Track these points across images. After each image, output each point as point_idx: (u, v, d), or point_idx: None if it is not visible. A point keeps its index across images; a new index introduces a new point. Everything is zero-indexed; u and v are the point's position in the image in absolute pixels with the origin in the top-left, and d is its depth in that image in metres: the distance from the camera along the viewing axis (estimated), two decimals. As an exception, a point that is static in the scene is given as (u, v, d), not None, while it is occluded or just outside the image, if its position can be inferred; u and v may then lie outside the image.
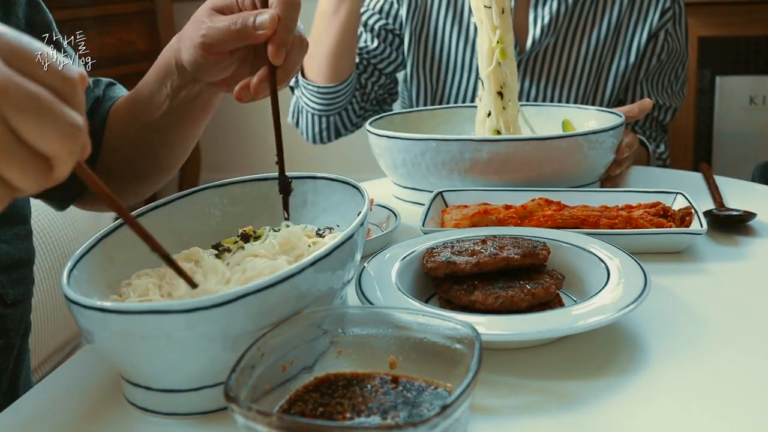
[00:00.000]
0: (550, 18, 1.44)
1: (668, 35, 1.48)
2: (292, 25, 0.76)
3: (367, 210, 0.71)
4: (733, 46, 2.58)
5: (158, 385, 0.63)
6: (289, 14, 0.76)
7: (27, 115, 0.41)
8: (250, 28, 0.75)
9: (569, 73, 1.48)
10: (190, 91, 0.87)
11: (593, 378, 0.66)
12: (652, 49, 1.49)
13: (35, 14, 0.92)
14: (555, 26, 1.46)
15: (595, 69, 1.48)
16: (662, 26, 1.48)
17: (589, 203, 1.01)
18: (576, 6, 1.45)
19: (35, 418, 0.66)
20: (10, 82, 0.41)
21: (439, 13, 1.50)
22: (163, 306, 0.56)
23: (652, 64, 1.50)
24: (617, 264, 0.77)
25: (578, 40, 1.47)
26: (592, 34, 1.47)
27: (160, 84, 0.88)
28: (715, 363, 0.68)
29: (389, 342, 0.61)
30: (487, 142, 1.08)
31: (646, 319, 0.75)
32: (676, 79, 1.55)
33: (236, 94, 0.81)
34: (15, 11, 0.89)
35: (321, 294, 0.64)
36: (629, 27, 1.48)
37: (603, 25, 1.47)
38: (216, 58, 0.80)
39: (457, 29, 1.49)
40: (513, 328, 0.66)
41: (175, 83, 0.87)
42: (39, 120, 0.41)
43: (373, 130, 1.17)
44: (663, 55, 1.50)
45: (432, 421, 0.47)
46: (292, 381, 0.59)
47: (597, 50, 1.47)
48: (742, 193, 1.15)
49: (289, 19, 0.76)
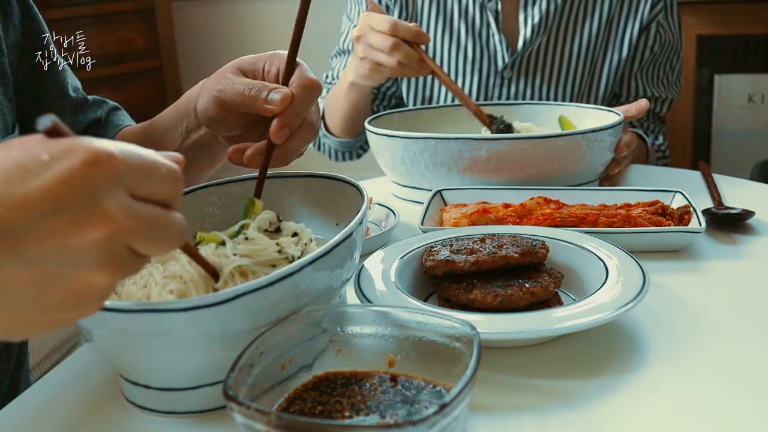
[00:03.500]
0: (540, 17, 1.45)
1: (660, 27, 1.49)
2: (303, 109, 0.75)
3: (366, 208, 0.71)
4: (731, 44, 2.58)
5: (157, 383, 0.63)
6: (304, 97, 0.75)
7: (148, 240, 0.46)
8: (261, 100, 0.74)
9: (563, 70, 1.48)
10: (202, 137, 0.89)
11: (592, 376, 0.66)
12: (645, 41, 1.49)
13: (30, 23, 0.93)
14: (546, 25, 1.46)
15: (589, 65, 1.49)
16: (653, 18, 1.48)
17: (588, 202, 1.01)
18: (566, 4, 1.46)
19: (34, 417, 0.66)
20: (136, 218, 0.45)
21: (429, 19, 1.50)
22: (161, 305, 0.56)
23: (646, 56, 1.50)
24: (616, 262, 0.77)
25: (570, 38, 1.47)
26: (583, 31, 1.47)
27: (177, 122, 0.90)
28: (714, 361, 0.68)
29: (388, 340, 0.61)
30: (486, 140, 1.08)
31: (645, 317, 0.75)
32: (671, 70, 1.55)
33: (229, 154, 0.80)
34: (12, 20, 0.90)
35: (320, 292, 0.64)
36: (620, 21, 1.48)
37: (594, 20, 1.47)
38: (226, 115, 0.80)
39: (448, 35, 1.50)
40: (512, 327, 0.66)
41: (190, 125, 0.88)
42: (156, 240, 0.47)
43: (372, 128, 1.17)
44: (656, 47, 1.50)
45: (431, 420, 0.47)
46: (291, 379, 0.60)
47: (589, 46, 1.48)
48: (740, 191, 1.15)
49: (302, 102, 0.75)
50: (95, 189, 0.43)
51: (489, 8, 1.45)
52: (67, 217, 0.42)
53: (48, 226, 0.42)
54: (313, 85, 0.75)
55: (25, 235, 0.42)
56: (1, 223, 0.42)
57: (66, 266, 0.43)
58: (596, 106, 1.28)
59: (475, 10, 1.47)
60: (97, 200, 0.43)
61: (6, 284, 0.43)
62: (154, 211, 0.46)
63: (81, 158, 0.43)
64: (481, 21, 1.47)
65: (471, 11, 1.47)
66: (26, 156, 0.43)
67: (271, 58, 0.79)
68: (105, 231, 0.43)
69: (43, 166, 0.42)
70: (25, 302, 0.44)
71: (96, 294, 0.45)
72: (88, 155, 0.43)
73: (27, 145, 0.44)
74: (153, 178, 0.46)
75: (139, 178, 0.46)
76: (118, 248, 0.45)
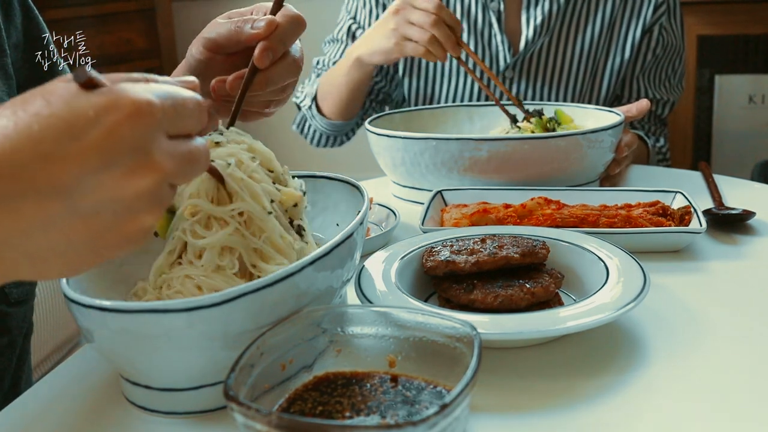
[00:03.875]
0: (542, 18, 1.45)
1: (663, 29, 1.49)
2: (288, 39, 0.77)
3: (367, 209, 0.71)
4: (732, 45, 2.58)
5: (157, 383, 0.63)
6: (288, 27, 0.76)
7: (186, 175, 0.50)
8: (248, 29, 0.77)
9: (565, 72, 1.48)
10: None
11: (592, 376, 0.66)
12: (647, 44, 1.49)
13: (31, 24, 0.94)
14: (548, 26, 1.46)
15: (591, 67, 1.49)
16: (656, 21, 1.48)
17: (589, 202, 1.01)
18: (568, 5, 1.45)
19: (34, 417, 0.66)
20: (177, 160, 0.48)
21: None
22: (162, 305, 0.56)
23: (648, 59, 1.50)
24: (616, 263, 0.77)
25: (572, 39, 1.47)
26: (586, 32, 1.47)
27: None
28: (714, 361, 0.68)
29: (388, 341, 0.61)
30: (486, 141, 1.08)
31: (646, 317, 0.75)
32: (673, 73, 1.55)
33: (212, 86, 0.80)
34: (14, 21, 0.91)
35: (320, 293, 0.64)
36: (623, 23, 1.48)
37: (596, 22, 1.47)
38: (214, 57, 0.82)
39: None
40: (512, 327, 0.66)
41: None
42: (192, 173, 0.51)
43: (372, 129, 1.17)
44: (658, 50, 1.50)
45: (431, 420, 0.47)
46: (291, 380, 0.60)
47: (591, 48, 1.47)
48: (741, 191, 1.15)
49: (286, 30, 0.76)
50: (141, 141, 0.46)
51: (491, 8, 1.45)
52: (119, 170, 0.45)
53: (101, 179, 0.45)
54: (298, 18, 0.78)
55: (79, 191, 0.45)
56: (56, 180, 0.44)
57: (119, 214, 0.46)
58: (597, 106, 1.28)
59: (477, 10, 1.47)
60: (144, 151, 0.46)
61: (64, 236, 0.45)
62: (187, 146, 0.49)
63: (125, 112, 0.45)
64: (484, 21, 1.47)
65: (473, 11, 1.47)
66: (72, 113, 0.44)
67: (259, 7, 0.81)
68: (153, 178, 0.46)
69: (90, 122, 0.44)
70: (81, 248, 0.46)
71: (145, 231, 0.49)
72: (131, 108, 0.45)
73: (67, 98, 0.45)
74: (183, 115, 0.49)
75: (174, 118, 0.48)
76: (163, 190, 0.48)
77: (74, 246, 0.46)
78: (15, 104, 0.45)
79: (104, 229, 0.46)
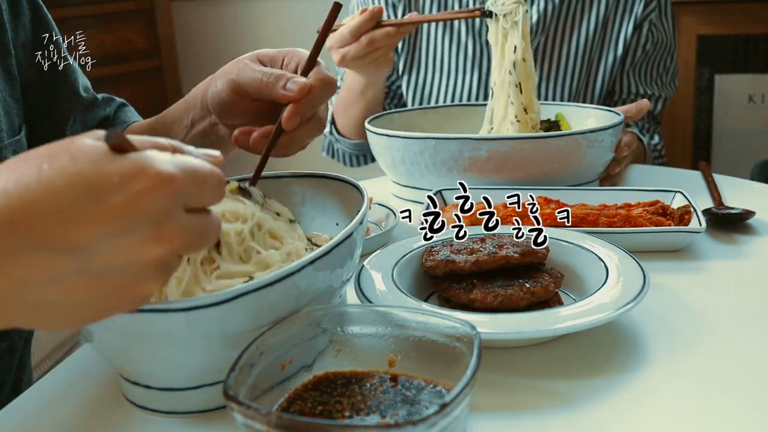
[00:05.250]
0: (538, 17, 1.45)
1: (653, 26, 1.49)
2: (318, 102, 0.77)
3: (366, 208, 0.71)
4: (732, 44, 2.58)
5: (157, 383, 0.63)
6: (320, 90, 0.76)
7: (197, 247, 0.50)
8: (279, 87, 0.76)
9: (561, 69, 1.49)
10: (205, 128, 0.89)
11: (592, 376, 0.66)
12: (637, 40, 1.50)
13: (40, 23, 0.94)
14: (544, 25, 1.46)
15: (586, 64, 1.49)
16: (646, 17, 1.48)
17: (588, 202, 1.01)
18: (563, 4, 1.46)
19: (34, 417, 0.66)
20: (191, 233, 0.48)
21: None
22: (162, 305, 0.56)
23: (638, 55, 1.51)
24: (616, 262, 0.77)
25: (567, 37, 1.48)
26: (580, 30, 1.48)
27: (183, 115, 0.90)
28: (714, 361, 0.68)
29: (388, 340, 0.61)
30: (486, 140, 1.08)
31: (645, 317, 0.75)
32: (665, 71, 1.56)
33: (235, 135, 0.80)
34: (22, 20, 0.91)
35: (320, 292, 0.64)
36: (616, 20, 1.49)
37: (591, 20, 1.47)
38: (238, 99, 0.81)
39: (449, 34, 1.50)
40: (512, 327, 0.66)
41: (195, 116, 0.89)
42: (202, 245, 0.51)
43: (372, 128, 1.17)
44: (648, 46, 1.50)
45: (431, 420, 0.47)
46: (291, 379, 0.60)
47: (586, 46, 1.48)
48: (740, 191, 1.15)
49: (318, 94, 0.76)
50: (161, 212, 0.46)
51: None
52: (135, 238, 0.45)
53: (115, 244, 0.45)
54: (330, 81, 0.77)
55: (91, 251, 0.45)
56: (70, 238, 0.44)
57: (127, 279, 0.47)
58: (596, 106, 1.28)
59: None
60: (161, 224, 0.46)
61: (67, 292, 0.46)
62: (201, 221, 0.50)
63: (149, 183, 0.45)
64: (481, 20, 1.47)
65: None
66: (97, 175, 0.45)
67: (291, 54, 0.81)
68: (165, 249, 0.47)
69: (113, 188, 0.44)
70: (83, 306, 0.47)
71: (147, 297, 0.49)
72: (156, 180, 0.45)
73: (94, 158, 0.45)
74: (204, 190, 0.49)
75: (195, 193, 0.49)
76: (174, 260, 0.49)
77: (76, 303, 0.46)
78: (41, 156, 0.45)
79: (109, 291, 0.47)
